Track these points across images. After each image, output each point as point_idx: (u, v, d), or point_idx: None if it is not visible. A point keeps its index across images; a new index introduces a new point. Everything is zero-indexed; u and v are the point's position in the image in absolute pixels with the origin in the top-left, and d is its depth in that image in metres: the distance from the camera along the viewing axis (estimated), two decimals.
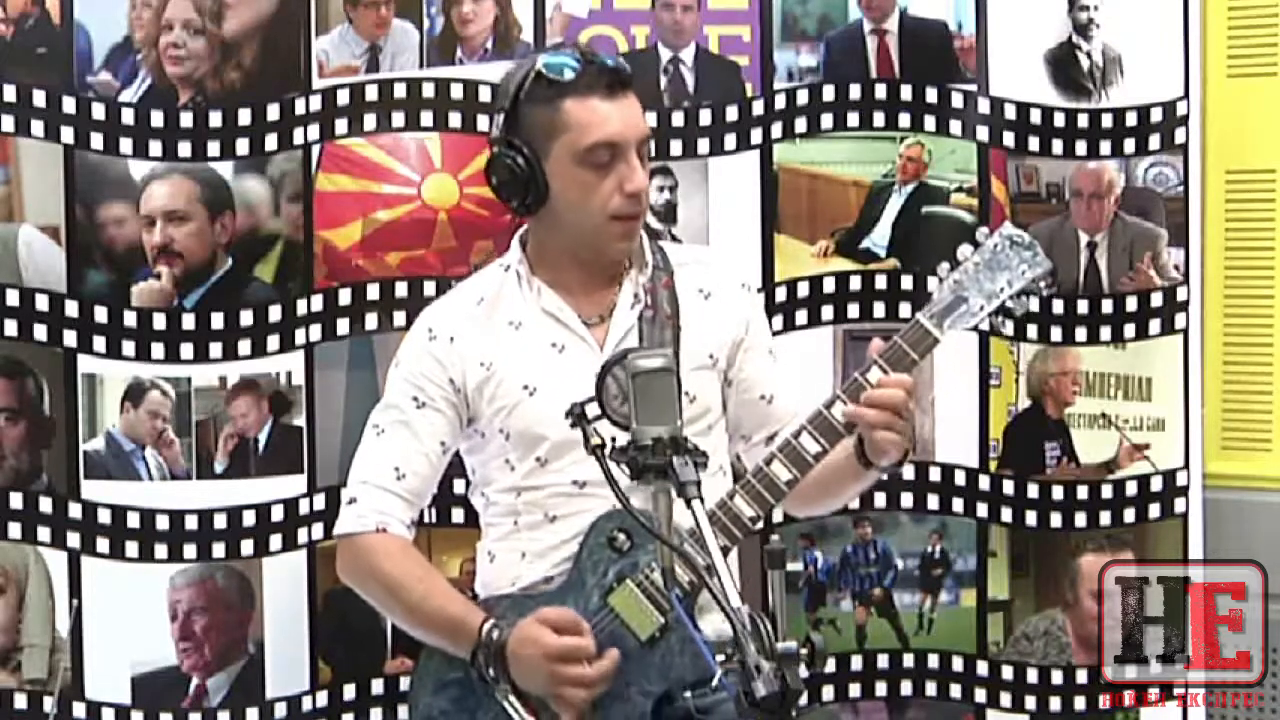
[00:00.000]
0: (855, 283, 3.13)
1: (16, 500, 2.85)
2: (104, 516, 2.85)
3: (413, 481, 2.48)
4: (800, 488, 2.39)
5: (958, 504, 3.16)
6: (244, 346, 2.88)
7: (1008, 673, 3.19)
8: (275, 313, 2.89)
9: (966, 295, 2.44)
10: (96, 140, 2.83)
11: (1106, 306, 3.19)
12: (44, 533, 2.85)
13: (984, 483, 3.16)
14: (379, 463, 2.49)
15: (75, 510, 2.85)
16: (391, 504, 2.47)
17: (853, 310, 3.12)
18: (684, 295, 2.51)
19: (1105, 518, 3.20)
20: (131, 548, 2.85)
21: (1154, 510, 3.22)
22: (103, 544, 2.85)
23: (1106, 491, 3.20)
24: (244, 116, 2.86)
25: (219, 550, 2.88)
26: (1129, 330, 3.20)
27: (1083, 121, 3.17)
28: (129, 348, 2.84)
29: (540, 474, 2.43)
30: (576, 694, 2.28)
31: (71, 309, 2.83)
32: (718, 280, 2.57)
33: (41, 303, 2.83)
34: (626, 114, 2.42)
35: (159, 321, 2.85)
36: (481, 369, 2.45)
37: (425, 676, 2.46)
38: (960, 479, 3.16)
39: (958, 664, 3.19)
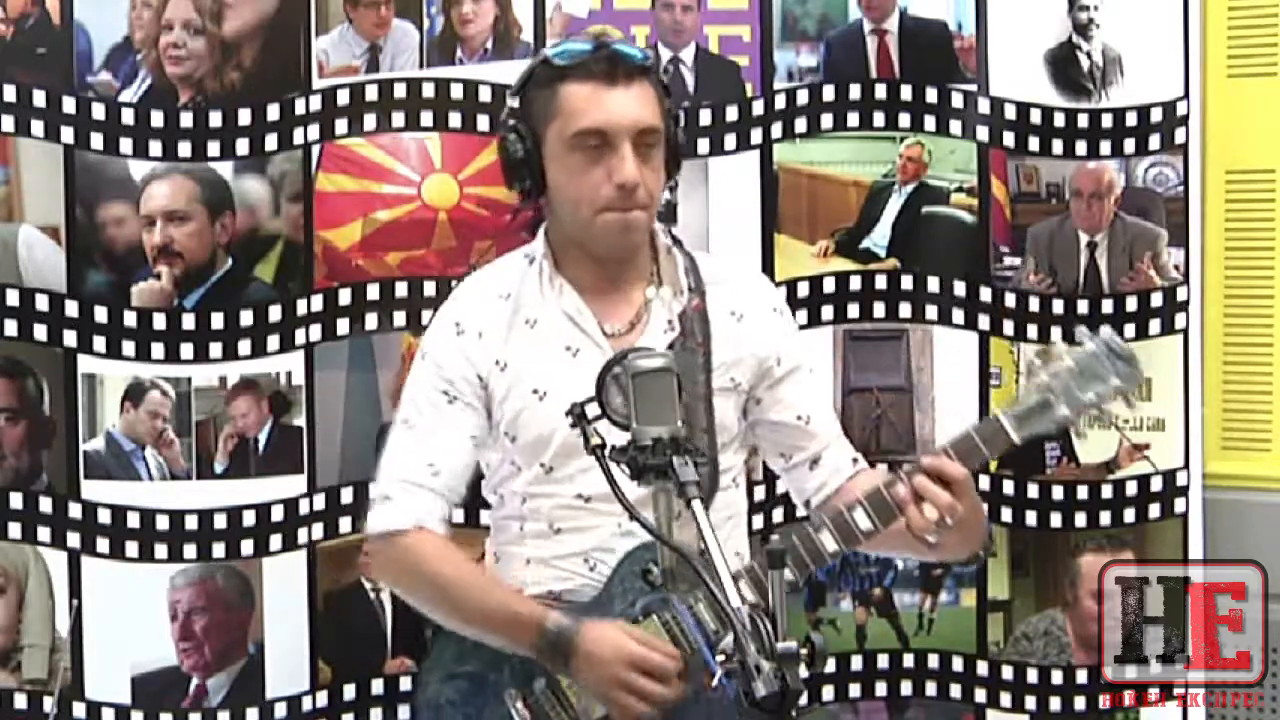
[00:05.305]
0: (855, 283, 3.13)
1: (16, 500, 2.85)
2: (104, 516, 2.85)
3: (448, 478, 2.42)
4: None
5: None
6: (244, 346, 2.88)
7: (1008, 673, 3.20)
8: (275, 313, 2.89)
9: (1053, 402, 2.27)
10: (96, 140, 2.83)
11: (1106, 306, 3.19)
12: (44, 533, 2.85)
13: (984, 483, 3.16)
14: (413, 459, 2.42)
15: (75, 510, 2.85)
16: (429, 501, 2.40)
17: (853, 310, 3.12)
18: (715, 316, 2.43)
19: (1105, 518, 3.20)
20: (131, 548, 2.86)
21: (1154, 510, 3.22)
22: (103, 544, 2.85)
23: (1106, 491, 3.20)
24: (244, 116, 2.86)
25: (219, 550, 2.88)
26: (1129, 330, 3.19)
27: (1083, 121, 3.17)
28: (129, 348, 2.85)
29: (545, 483, 2.39)
30: (638, 706, 2.24)
31: (71, 309, 2.83)
32: (750, 303, 2.48)
33: (41, 303, 2.83)
34: (624, 103, 2.33)
35: (159, 321, 2.85)
36: (497, 368, 2.41)
37: (437, 664, 2.43)
38: None
39: (958, 664, 3.19)
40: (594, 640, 2.25)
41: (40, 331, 2.83)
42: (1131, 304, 3.20)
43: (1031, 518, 3.18)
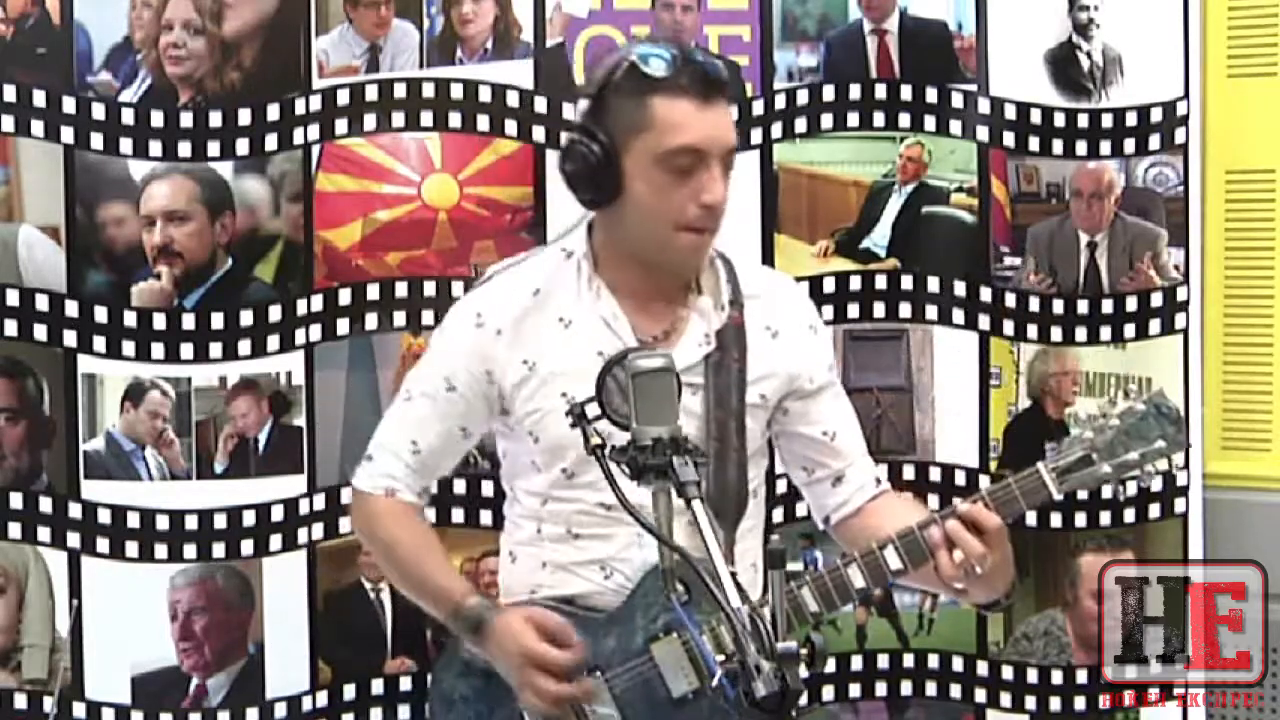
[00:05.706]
0: (855, 283, 3.13)
1: (16, 500, 2.85)
2: (104, 516, 2.85)
3: (427, 457, 2.44)
4: None
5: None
6: (244, 346, 2.88)
7: (1008, 673, 3.20)
8: (275, 313, 2.89)
9: (1095, 459, 2.29)
10: (96, 140, 2.83)
11: (1106, 306, 3.19)
12: (44, 533, 2.85)
13: (984, 483, 3.16)
14: (399, 431, 2.45)
15: (75, 510, 2.85)
16: (402, 472, 2.43)
17: (853, 310, 3.12)
18: (750, 331, 2.41)
19: (1105, 518, 3.21)
20: (131, 548, 2.86)
21: (1154, 510, 3.22)
22: (103, 544, 2.85)
23: (1106, 491, 3.18)
24: (244, 116, 2.86)
25: (219, 550, 2.88)
26: (1129, 330, 3.20)
27: (1083, 121, 3.18)
28: (129, 348, 2.85)
29: (567, 488, 2.37)
30: (537, 703, 2.25)
31: (71, 309, 2.83)
32: (786, 319, 2.45)
33: (41, 303, 2.83)
34: (716, 122, 2.30)
35: (159, 321, 2.85)
36: (523, 367, 2.37)
37: (455, 658, 2.43)
38: (960, 479, 3.16)
39: (958, 664, 3.19)
40: (500, 631, 2.27)
41: (40, 331, 2.83)
42: (1131, 304, 3.20)
43: (1031, 518, 3.16)
